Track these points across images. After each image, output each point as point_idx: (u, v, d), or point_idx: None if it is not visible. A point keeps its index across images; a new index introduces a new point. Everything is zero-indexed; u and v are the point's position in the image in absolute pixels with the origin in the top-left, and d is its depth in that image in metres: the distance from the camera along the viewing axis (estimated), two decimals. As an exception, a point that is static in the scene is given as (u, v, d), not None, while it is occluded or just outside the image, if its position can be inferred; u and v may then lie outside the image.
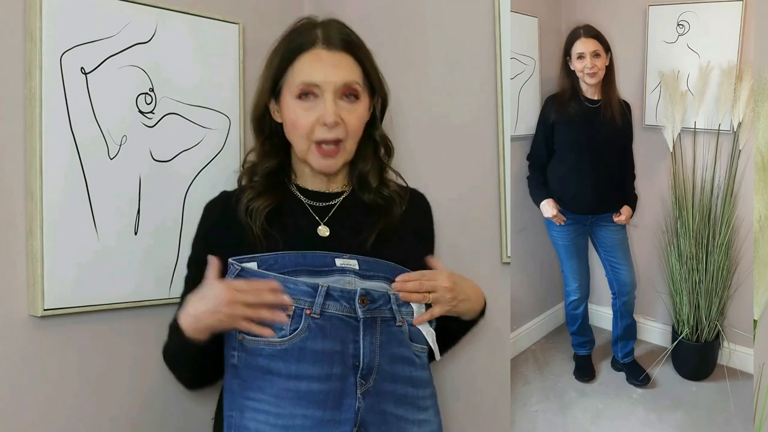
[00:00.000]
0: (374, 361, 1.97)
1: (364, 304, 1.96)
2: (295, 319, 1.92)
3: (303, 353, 1.92)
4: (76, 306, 2.30)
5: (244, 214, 2.10)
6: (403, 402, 2.03)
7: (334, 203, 2.19)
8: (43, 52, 2.23)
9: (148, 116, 2.44)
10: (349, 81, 2.10)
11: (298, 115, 2.09)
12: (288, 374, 1.92)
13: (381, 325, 1.99)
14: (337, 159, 2.12)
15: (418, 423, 2.06)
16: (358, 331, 1.96)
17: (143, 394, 2.47)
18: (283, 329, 1.92)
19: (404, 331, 2.03)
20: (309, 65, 2.10)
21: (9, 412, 2.22)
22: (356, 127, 2.13)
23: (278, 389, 1.92)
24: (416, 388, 2.06)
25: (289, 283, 1.93)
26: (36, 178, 2.22)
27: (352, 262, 2.02)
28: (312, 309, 1.92)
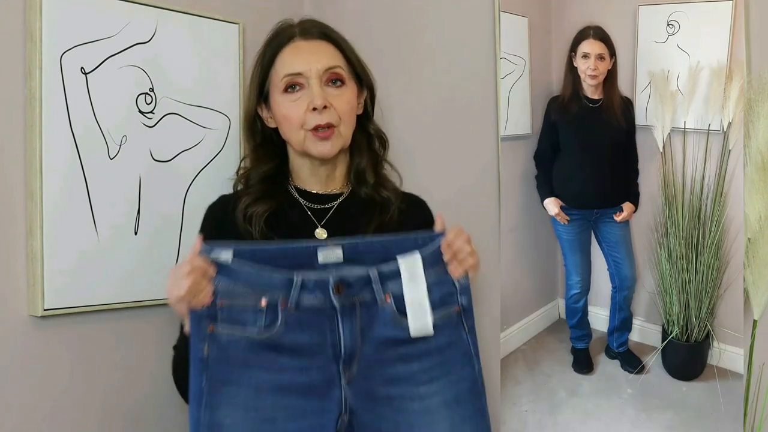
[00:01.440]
0: (356, 347, 1.94)
1: (339, 291, 1.92)
2: (269, 313, 1.89)
3: (281, 347, 1.89)
4: (76, 306, 2.31)
5: (243, 219, 2.10)
6: (395, 382, 1.98)
7: (331, 206, 2.20)
8: (43, 52, 2.23)
9: (148, 116, 2.45)
10: (331, 65, 2.12)
11: (288, 107, 2.11)
12: (268, 367, 1.89)
13: (361, 310, 1.95)
14: (333, 142, 2.12)
15: (419, 398, 1.99)
16: (335, 320, 1.92)
17: (143, 393, 2.48)
18: (257, 322, 1.88)
19: (388, 309, 1.97)
20: (290, 58, 2.13)
21: (9, 411, 2.23)
22: (346, 111, 2.14)
23: (258, 381, 1.88)
24: (409, 363, 1.98)
25: (264, 275, 1.89)
26: (36, 178, 2.22)
27: (337, 252, 1.96)
28: (287, 302, 1.89)
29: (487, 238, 2.65)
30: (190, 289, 1.84)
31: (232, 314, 1.88)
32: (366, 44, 2.28)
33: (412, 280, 1.97)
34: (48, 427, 2.30)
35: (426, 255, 1.99)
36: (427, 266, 1.98)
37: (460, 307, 2.03)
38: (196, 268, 1.84)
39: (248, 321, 1.88)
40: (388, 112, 2.46)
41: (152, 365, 2.41)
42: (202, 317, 1.87)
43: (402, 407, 1.98)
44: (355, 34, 2.25)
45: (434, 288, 1.98)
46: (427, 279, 1.97)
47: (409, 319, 1.96)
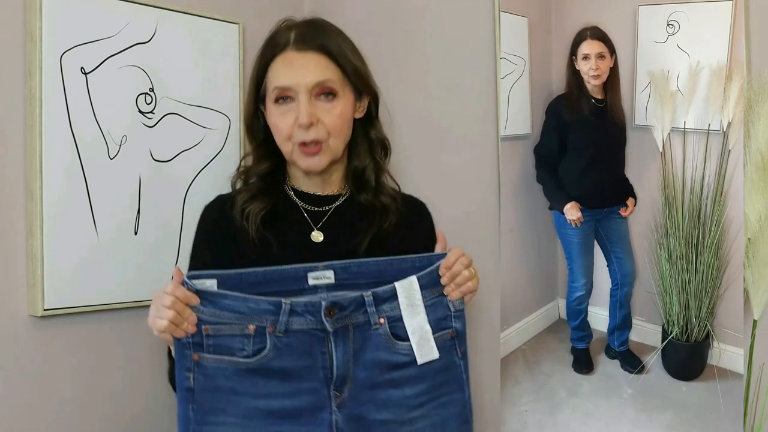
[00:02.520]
0: (348, 370, 1.92)
1: (331, 315, 1.90)
2: (257, 338, 1.87)
3: (270, 372, 1.88)
4: (76, 306, 2.31)
5: (240, 216, 2.09)
6: (385, 406, 1.97)
7: (328, 208, 2.18)
8: (43, 52, 2.23)
9: (148, 116, 2.45)
10: (321, 80, 2.07)
11: (278, 119, 2.09)
12: (257, 393, 1.88)
13: (354, 332, 1.94)
14: (320, 157, 2.09)
15: (409, 422, 1.99)
16: (327, 343, 1.91)
17: (142, 393, 2.48)
18: (245, 349, 1.87)
19: (383, 332, 1.96)
20: (280, 70, 2.10)
21: (9, 411, 2.23)
22: (337, 126, 2.09)
23: (246, 409, 1.87)
24: (400, 388, 1.98)
25: (250, 303, 1.87)
26: (36, 178, 2.22)
27: (328, 275, 1.95)
28: (275, 327, 1.87)
29: (487, 238, 2.65)
30: (172, 322, 1.82)
31: (218, 342, 1.87)
32: (366, 44, 2.27)
33: (411, 306, 1.97)
34: (48, 427, 2.30)
35: (422, 276, 1.98)
36: (422, 288, 1.98)
37: (453, 331, 2.02)
38: (177, 300, 1.83)
39: (235, 348, 1.87)
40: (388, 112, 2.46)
41: (152, 365, 2.41)
42: (186, 346, 1.86)
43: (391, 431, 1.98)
44: (355, 34, 2.24)
45: (428, 310, 1.98)
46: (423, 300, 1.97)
47: (414, 347, 1.97)
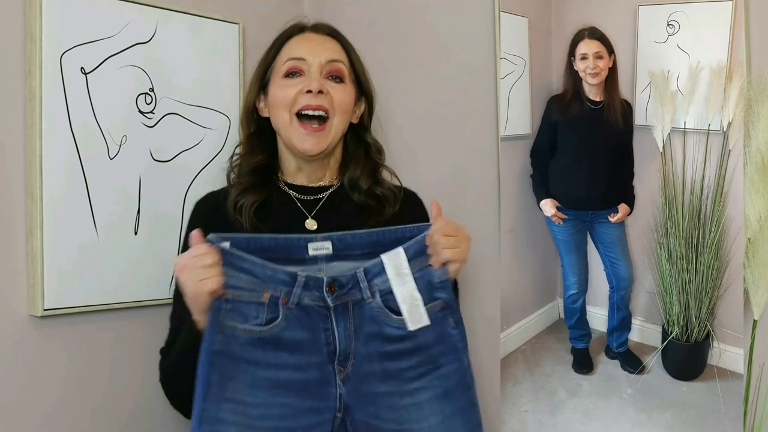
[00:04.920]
0: (350, 346, 1.94)
1: (332, 291, 1.92)
2: (270, 307, 1.88)
3: (280, 343, 1.88)
4: (76, 306, 2.31)
5: (233, 210, 2.10)
6: (387, 378, 1.98)
7: (321, 197, 2.19)
8: (43, 52, 2.24)
9: (148, 116, 2.45)
10: (334, 58, 2.15)
11: (282, 91, 2.12)
12: (266, 363, 1.88)
13: (353, 309, 1.95)
14: (320, 138, 2.11)
15: (409, 393, 1.99)
16: (329, 319, 1.93)
17: (143, 393, 2.47)
18: (259, 317, 1.87)
19: (376, 306, 1.97)
20: (296, 44, 2.16)
21: (9, 411, 2.23)
22: (344, 103, 2.14)
23: (253, 378, 1.87)
24: (397, 360, 1.99)
25: (267, 270, 1.87)
26: (36, 178, 2.22)
27: (326, 245, 1.97)
28: (289, 299, 1.88)
29: (486, 238, 2.65)
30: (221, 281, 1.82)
31: (235, 307, 1.86)
32: (366, 44, 2.28)
33: (399, 275, 1.96)
34: (48, 426, 2.30)
35: (409, 246, 1.98)
36: (410, 257, 1.97)
37: (444, 302, 2.01)
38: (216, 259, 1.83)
39: (250, 315, 1.87)
40: (389, 112, 2.47)
41: (152, 365, 2.39)
42: (220, 308, 1.84)
43: (393, 403, 1.98)
44: (355, 33, 2.26)
45: (417, 280, 1.97)
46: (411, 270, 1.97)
47: (404, 315, 1.96)
